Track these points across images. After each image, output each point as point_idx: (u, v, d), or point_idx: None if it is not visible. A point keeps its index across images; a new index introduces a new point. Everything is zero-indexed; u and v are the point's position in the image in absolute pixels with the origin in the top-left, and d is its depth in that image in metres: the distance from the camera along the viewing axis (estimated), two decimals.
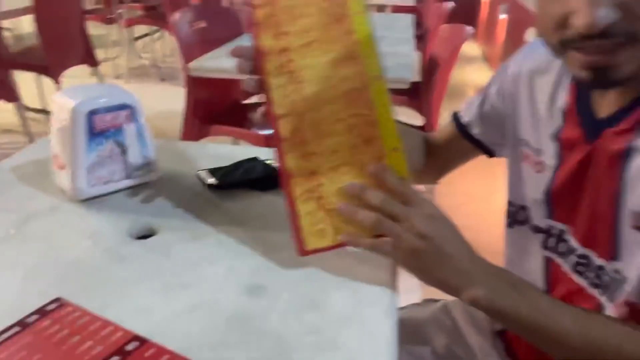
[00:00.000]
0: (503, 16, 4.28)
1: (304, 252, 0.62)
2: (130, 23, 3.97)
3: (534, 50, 0.73)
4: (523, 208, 0.76)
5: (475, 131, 0.83)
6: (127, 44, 4.03)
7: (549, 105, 0.69)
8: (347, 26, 0.63)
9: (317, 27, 0.63)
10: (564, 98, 0.67)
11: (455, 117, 0.86)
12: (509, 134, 0.78)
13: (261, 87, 0.62)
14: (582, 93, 0.65)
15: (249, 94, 2.19)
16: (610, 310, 0.62)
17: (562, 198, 0.68)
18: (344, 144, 0.62)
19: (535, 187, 0.71)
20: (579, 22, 0.49)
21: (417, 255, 0.56)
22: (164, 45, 4.80)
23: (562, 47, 0.55)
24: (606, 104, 0.61)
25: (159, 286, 0.60)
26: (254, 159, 0.90)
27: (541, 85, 0.71)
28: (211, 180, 0.83)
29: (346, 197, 0.61)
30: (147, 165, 0.83)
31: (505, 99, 0.78)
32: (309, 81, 0.63)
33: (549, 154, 0.69)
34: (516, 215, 0.77)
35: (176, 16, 1.91)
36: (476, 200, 2.37)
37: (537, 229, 0.73)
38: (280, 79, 0.63)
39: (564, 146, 0.66)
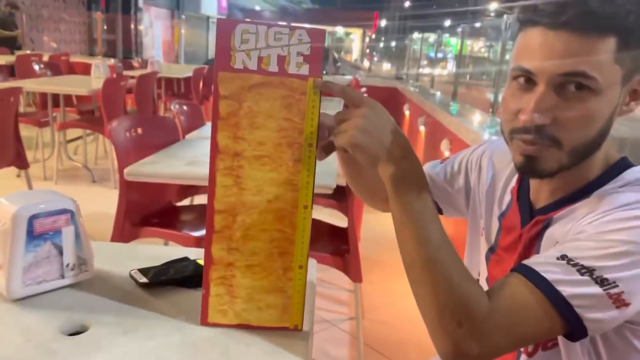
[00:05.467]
0: (422, 127, 4.71)
1: (205, 323, 0.76)
2: (64, 127, 4.01)
3: (498, 146, 0.90)
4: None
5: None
6: (58, 146, 4.04)
7: (501, 194, 0.86)
8: (297, 154, 0.72)
9: (271, 144, 0.72)
10: (511, 191, 0.84)
11: None
12: (472, 206, 0.92)
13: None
14: (522, 188, 0.81)
15: (182, 197, 2.26)
16: None
17: (493, 272, 0.83)
18: (263, 249, 0.74)
19: (482, 259, 0.86)
20: (522, 117, 0.68)
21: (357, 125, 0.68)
22: (97, 148, 4.83)
23: (510, 135, 0.72)
24: (542, 198, 0.77)
25: None
26: (185, 259, 0.98)
27: (500, 176, 0.88)
28: (143, 280, 0.89)
29: (253, 292, 0.75)
30: (82, 266, 0.88)
31: (467, 174, 0.93)
32: (250, 190, 0.73)
33: (493, 233, 0.85)
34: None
35: (114, 123, 2.01)
36: (401, 299, 2.49)
37: None
38: (227, 179, 0.72)
39: (504, 228, 0.83)
